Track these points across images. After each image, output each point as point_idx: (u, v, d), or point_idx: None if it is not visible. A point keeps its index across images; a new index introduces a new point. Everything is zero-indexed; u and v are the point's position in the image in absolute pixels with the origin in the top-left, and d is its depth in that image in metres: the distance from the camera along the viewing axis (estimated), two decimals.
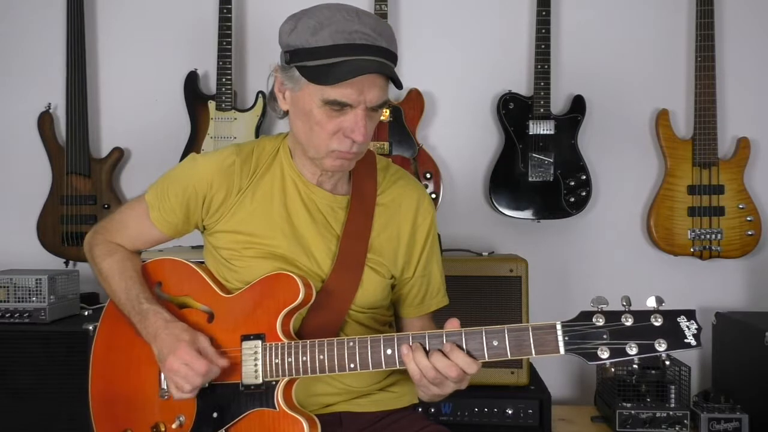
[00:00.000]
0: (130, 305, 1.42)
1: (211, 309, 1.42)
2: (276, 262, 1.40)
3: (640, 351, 1.13)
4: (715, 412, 2.16)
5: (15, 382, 2.19)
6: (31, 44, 2.82)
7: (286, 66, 1.32)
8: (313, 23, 1.27)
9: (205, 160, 1.45)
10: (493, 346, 1.20)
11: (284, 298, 1.34)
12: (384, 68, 1.27)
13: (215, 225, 1.45)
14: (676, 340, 1.13)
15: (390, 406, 1.50)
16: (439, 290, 1.57)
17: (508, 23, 2.71)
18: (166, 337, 1.34)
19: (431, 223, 1.52)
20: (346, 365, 1.28)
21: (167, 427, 1.39)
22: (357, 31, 1.25)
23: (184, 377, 1.30)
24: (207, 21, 2.74)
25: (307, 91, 1.30)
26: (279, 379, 1.32)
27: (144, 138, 2.79)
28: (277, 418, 1.31)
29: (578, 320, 1.18)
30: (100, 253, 1.52)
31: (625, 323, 1.15)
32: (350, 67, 1.24)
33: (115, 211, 1.58)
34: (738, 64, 2.64)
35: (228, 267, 1.44)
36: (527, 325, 1.20)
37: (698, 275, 2.61)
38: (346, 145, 1.32)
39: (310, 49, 1.27)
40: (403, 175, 1.54)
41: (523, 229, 2.66)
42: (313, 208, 1.44)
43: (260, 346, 1.33)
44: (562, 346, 1.17)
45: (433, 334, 1.24)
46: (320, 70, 1.26)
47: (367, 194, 1.46)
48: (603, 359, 1.14)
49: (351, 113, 1.29)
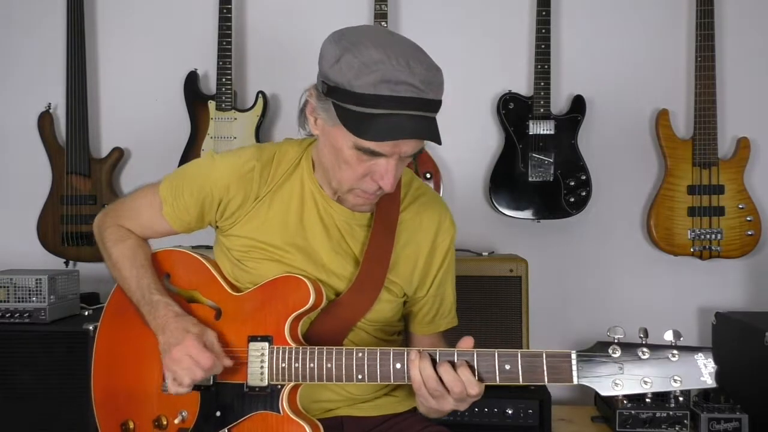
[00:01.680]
0: (140, 294, 1.40)
1: (219, 306, 1.40)
2: (287, 268, 1.38)
3: (654, 386, 1.12)
4: (715, 412, 2.16)
5: (15, 382, 2.19)
6: (31, 44, 2.82)
7: (323, 96, 1.24)
8: (358, 64, 1.17)
9: (224, 162, 1.41)
10: (505, 369, 1.19)
11: (294, 302, 1.33)
12: (425, 130, 1.20)
13: (229, 228, 1.43)
14: (692, 378, 1.11)
15: (391, 410, 1.49)
16: (451, 311, 1.54)
17: (508, 23, 2.71)
18: (175, 330, 1.32)
19: (450, 242, 1.49)
20: (354, 376, 1.26)
21: (169, 421, 1.38)
22: (404, 82, 1.16)
23: (186, 369, 1.28)
24: (207, 21, 2.74)
25: (341, 132, 1.23)
26: (284, 384, 1.31)
27: (144, 138, 2.79)
28: (281, 422, 1.30)
29: (594, 350, 1.15)
30: (111, 238, 1.49)
31: (641, 357, 1.13)
32: (390, 125, 1.17)
33: (127, 195, 1.55)
34: (738, 64, 2.64)
35: (239, 267, 1.42)
36: (541, 352, 1.18)
37: (698, 275, 2.61)
38: (373, 188, 1.29)
39: (351, 93, 1.18)
40: (426, 191, 1.50)
41: (523, 229, 2.66)
42: (330, 224, 1.40)
43: (267, 348, 1.32)
44: (575, 376, 1.15)
45: (444, 352, 1.22)
46: (358, 119, 1.19)
47: (390, 213, 1.42)
48: (616, 393, 1.13)
49: (383, 160, 1.24)
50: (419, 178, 1.53)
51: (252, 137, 2.62)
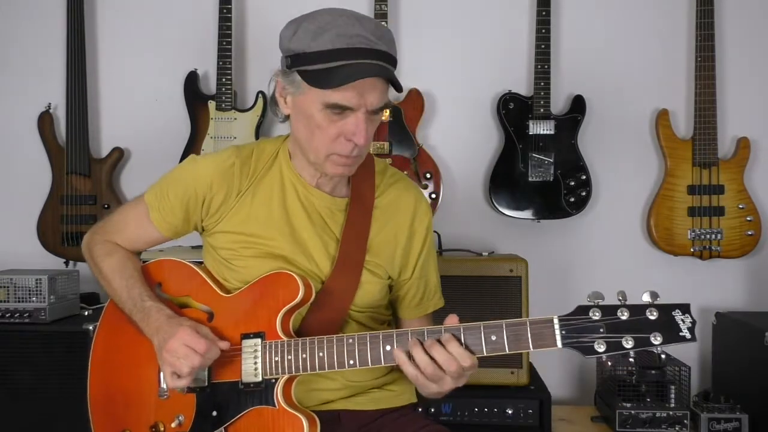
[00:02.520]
0: (132, 303, 1.43)
1: (211, 308, 1.42)
2: (275, 262, 1.41)
3: (636, 344, 1.15)
4: (715, 412, 2.16)
5: (15, 382, 2.19)
6: (31, 44, 2.82)
7: (287, 70, 1.34)
8: (313, 28, 1.28)
9: (205, 162, 1.46)
10: (492, 340, 1.22)
11: (284, 297, 1.35)
12: (384, 72, 1.29)
13: (215, 226, 1.46)
14: (672, 333, 1.14)
15: (389, 404, 1.51)
16: (436, 292, 1.59)
17: (508, 23, 2.71)
18: (168, 327, 1.34)
19: (428, 225, 1.53)
20: (345, 362, 1.28)
21: (166, 426, 1.39)
22: (358, 35, 1.26)
23: (183, 356, 1.30)
24: (207, 21, 2.74)
25: (309, 96, 1.32)
26: (279, 377, 1.32)
27: (144, 138, 2.79)
28: (276, 415, 1.31)
29: (575, 314, 1.19)
30: (99, 254, 1.52)
31: (621, 317, 1.16)
32: (351, 71, 1.25)
33: (113, 212, 1.59)
34: (738, 64, 2.64)
35: (227, 267, 1.44)
36: (525, 320, 1.21)
37: (698, 275, 2.61)
38: (347, 148, 1.33)
39: (311, 54, 1.28)
40: (400, 177, 1.56)
41: (523, 229, 2.66)
42: (312, 210, 1.45)
43: (260, 344, 1.34)
44: (559, 340, 1.18)
45: (432, 330, 1.25)
46: (321, 74, 1.27)
47: (365, 197, 1.47)
48: (599, 353, 1.16)
49: (352, 116, 1.31)
50: (392, 167, 1.58)
51: (252, 137, 2.61)
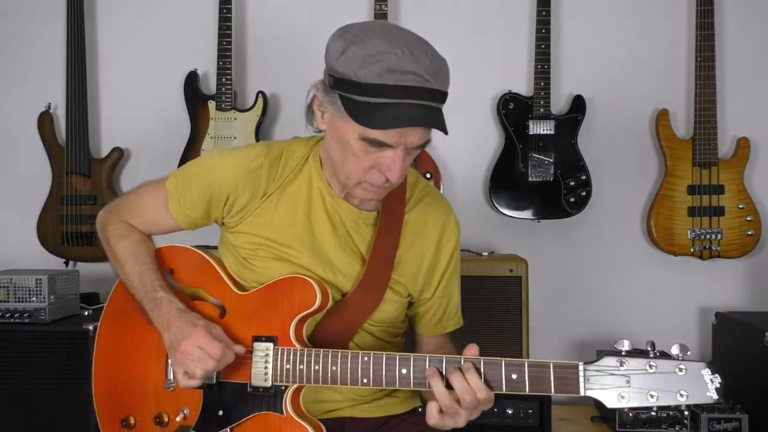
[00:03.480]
0: (144, 291, 1.40)
1: (224, 304, 1.40)
2: (294, 268, 1.38)
3: (660, 400, 1.12)
4: (715, 412, 2.16)
5: (15, 382, 2.19)
6: (31, 44, 2.82)
7: (330, 89, 1.25)
8: (363, 54, 1.18)
9: (233, 159, 1.41)
10: (512, 379, 1.18)
11: (300, 303, 1.32)
12: (430, 119, 1.21)
13: (236, 225, 1.42)
14: (698, 392, 1.11)
15: (393, 410, 1.49)
16: (457, 312, 1.54)
17: (508, 23, 2.71)
18: (180, 325, 1.32)
19: (456, 244, 1.49)
20: (359, 380, 1.26)
21: (171, 418, 1.38)
22: (409, 72, 1.17)
23: (198, 360, 1.27)
24: (207, 21, 2.74)
25: (348, 124, 1.23)
26: (288, 385, 1.30)
27: (144, 138, 2.79)
28: (283, 423, 1.30)
29: (601, 362, 1.15)
30: (114, 234, 1.48)
31: (649, 370, 1.13)
32: (395, 113, 1.18)
33: (131, 191, 1.54)
34: (738, 64, 2.64)
35: (244, 265, 1.42)
36: (549, 362, 1.17)
37: (698, 275, 2.61)
38: (380, 180, 1.28)
39: (357, 84, 1.19)
40: (430, 191, 1.50)
41: (523, 229, 2.66)
42: (338, 221, 1.40)
43: (272, 349, 1.31)
44: (582, 388, 1.14)
45: (450, 359, 1.21)
46: (364, 109, 1.19)
47: (395, 212, 1.42)
48: (623, 407, 1.14)
49: (390, 152, 1.24)
50: (424, 179, 1.53)
51: (252, 137, 2.61)
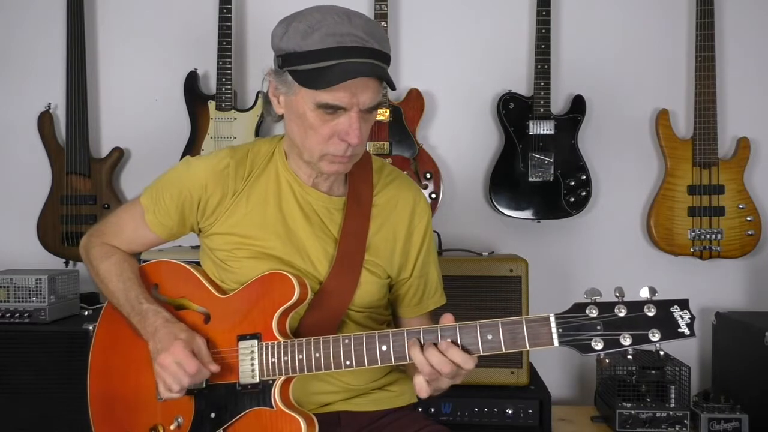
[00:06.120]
0: (130, 306, 1.42)
1: (208, 310, 1.42)
2: (271, 262, 1.41)
3: (633, 341, 1.13)
4: (715, 412, 2.16)
5: (15, 383, 2.19)
6: (31, 44, 2.82)
7: (279, 70, 1.32)
8: (303, 27, 1.26)
9: (200, 163, 1.46)
10: (488, 339, 1.20)
11: (279, 298, 1.34)
12: (376, 70, 1.26)
13: (211, 227, 1.45)
14: (670, 329, 1.12)
15: (389, 405, 1.50)
16: (437, 290, 1.57)
17: (508, 23, 2.71)
18: (164, 335, 1.34)
19: (427, 223, 1.52)
20: (342, 362, 1.28)
21: (165, 428, 1.39)
22: (348, 33, 1.24)
23: (173, 375, 1.30)
24: (207, 21, 2.74)
25: (300, 96, 1.30)
26: (276, 378, 1.32)
27: (144, 138, 2.79)
28: (274, 417, 1.31)
29: (571, 312, 1.17)
30: (97, 256, 1.52)
31: (619, 314, 1.15)
32: (341, 70, 1.24)
33: (110, 214, 1.59)
34: (738, 64, 2.64)
35: (224, 268, 1.44)
36: (521, 318, 1.20)
37: (698, 275, 2.61)
38: (341, 148, 1.32)
39: (301, 53, 1.26)
40: (398, 175, 1.54)
41: (523, 229, 2.67)
42: (309, 209, 1.44)
43: (256, 345, 1.33)
44: (555, 339, 1.16)
45: (427, 329, 1.24)
46: (312, 75, 1.26)
47: (363, 195, 1.46)
48: (597, 350, 1.14)
49: (345, 116, 1.29)
50: (390, 165, 1.57)
51: (252, 137, 2.61)
